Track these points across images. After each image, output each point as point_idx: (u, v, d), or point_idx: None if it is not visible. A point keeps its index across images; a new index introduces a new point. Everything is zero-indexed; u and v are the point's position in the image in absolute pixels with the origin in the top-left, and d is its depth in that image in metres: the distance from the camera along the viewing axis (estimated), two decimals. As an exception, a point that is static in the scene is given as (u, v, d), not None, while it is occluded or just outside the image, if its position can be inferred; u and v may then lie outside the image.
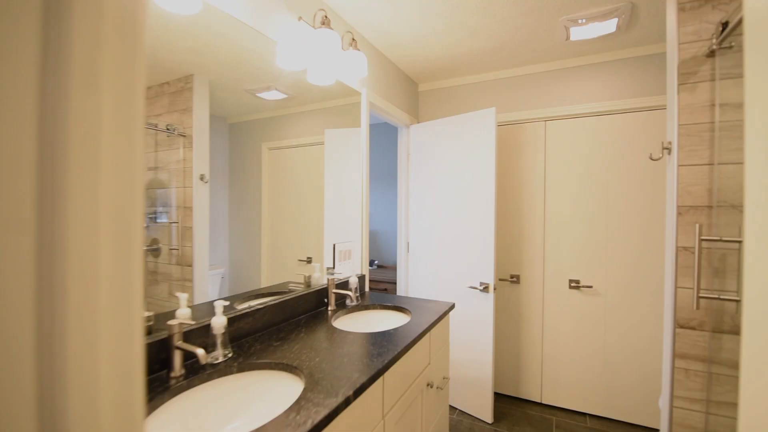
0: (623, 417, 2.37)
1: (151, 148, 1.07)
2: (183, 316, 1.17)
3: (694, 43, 1.34)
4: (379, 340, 1.32)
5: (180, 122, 1.14)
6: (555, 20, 1.98)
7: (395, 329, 1.43)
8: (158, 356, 1.04)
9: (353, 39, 1.82)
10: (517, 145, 2.67)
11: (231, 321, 1.28)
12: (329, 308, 1.71)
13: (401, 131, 2.87)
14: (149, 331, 1.06)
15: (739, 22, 1.09)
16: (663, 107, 2.22)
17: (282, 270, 1.59)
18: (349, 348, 1.24)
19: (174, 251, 1.14)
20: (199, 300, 1.23)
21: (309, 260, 1.75)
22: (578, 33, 2.09)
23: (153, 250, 1.09)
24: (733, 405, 1.28)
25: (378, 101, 2.31)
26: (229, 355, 1.17)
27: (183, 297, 1.16)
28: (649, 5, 1.81)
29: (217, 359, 1.13)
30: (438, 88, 2.93)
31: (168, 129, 1.13)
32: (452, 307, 1.82)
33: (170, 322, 1.03)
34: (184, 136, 1.16)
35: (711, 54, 1.30)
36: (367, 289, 2.18)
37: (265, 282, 1.50)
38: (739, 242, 1.20)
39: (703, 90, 1.32)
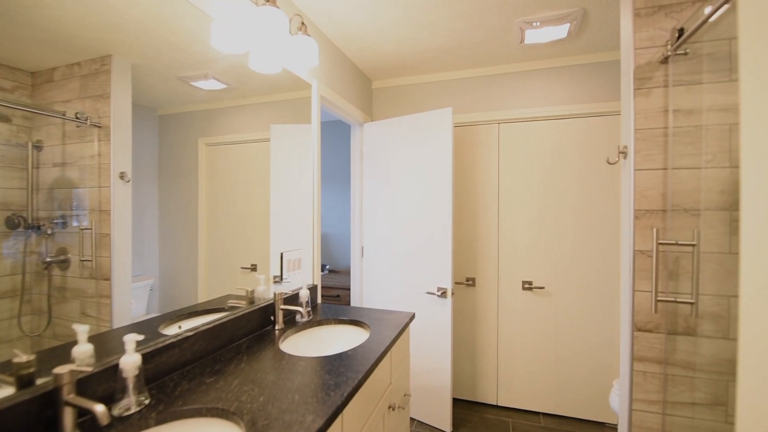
0: (576, 413, 2.43)
1: (57, 141, 0.90)
2: (82, 355, 0.92)
3: (648, 49, 1.35)
4: (336, 365, 1.15)
5: (94, 110, 0.97)
6: (512, 21, 1.96)
7: (353, 350, 1.27)
8: (41, 416, 0.78)
9: (303, 23, 1.63)
10: (471, 147, 2.64)
11: (150, 356, 1.04)
12: (276, 327, 1.51)
13: (354, 129, 2.71)
14: (28, 382, 0.80)
15: (697, 28, 1.09)
16: (612, 113, 2.32)
17: (224, 279, 1.39)
18: (300, 379, 1.06)
19: (86, 263, 0.96)
20: (120, 321, 1.02)
21: (254, 268, 1.55)
22: (532, 36, 2.09)
23: (60, 261, 0.91)
24: (688, 405, 1.31)
25: (330, 95, 2.13)
26: (146, 401, 0.93)
27: (81, 330, 0.92)
28: (600, 12, 1.85)
29: (128, 409, 0.89)
30: (393, 86, 2.82)
31: (78, 118, 0.94)
32: (413, 317, 1.71)
33: (57, 370, 0.78)
34: (99, 126, 0.98)
35: (664, 60, 1.31)
36: (319, 300, 2.00)
37: (204, 293, 1.30)
38: (693, 245, 1.22)
39: (657, 96, 1.34)
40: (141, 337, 0.95)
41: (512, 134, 2.55)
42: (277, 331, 1.47)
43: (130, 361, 0.92)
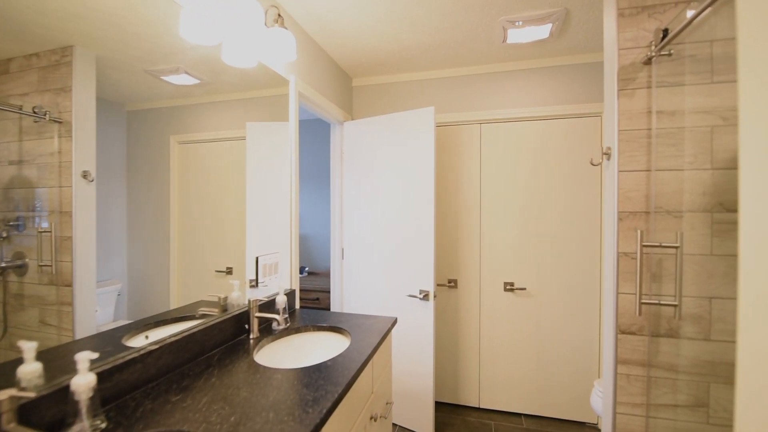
0: (557, 414, 2.44)
1: (13, 137, 0.85)
2: (28, 375, 0.83)
3: (632, 49, 1.34)
4: (315, 377, 1.08)
5: (54, 105, 0.91)
6: (494, 20, 1.93)
7: (333, 360, 1.20)
8: (-30, 451, 0.68)
9: (279, 15, 1.55)
10: (453, 147, 2.62)
11: (109, 373, 0.94)
12: (251, 336, 1.42)
13: (334, 128, 2.63)
14: (-44, 412, 0.69)
15: (682, 29, 1.08)
16: (593, 114, 2.33)
17: (198, 283, 1.32)
18: (275, 395, 0.98)
19: (46, 268, 0.90)
20: (83, 330, 0.95)
21: (229, 271, 1.47)
22: (514, 35, 2.08)
23: (16, 266, 0.86)
24: (671, 407, 1.31)
25: (308, 92, 2.05)
26: (102, 426, 0.84)
27: (28, 348, 0.83)
28: (582, 13, 1.85)
29: (79, 438, 0.79)
30: (373, 84, 2.75)
31: (36, 113, 0.88)
32: (395, 323, 1.65)
33: (-10, 398, 0.68)
34: (59, 122, 0.92)
35: (648, 61, 1.31)
36: (297, 306, 1.91)
37: (177, 299, 1.23)
38: (677, 247, 1.22)
39: (641, 97, 1.33)
40: (95, 355, 0.86)
41: (494, 135, 2.54)
42: (251, 341, 1.38)
43: (83, 383, 0.83)
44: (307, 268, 3.63)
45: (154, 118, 1.15)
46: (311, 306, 3.14)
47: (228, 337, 1.38)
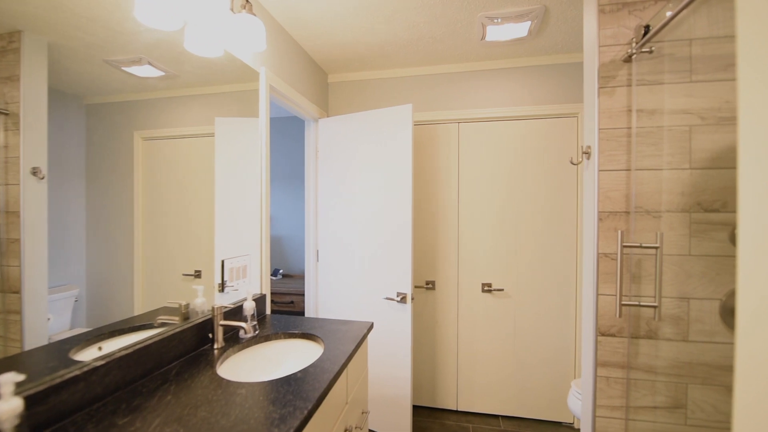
0: (534, 415, 2.43)
1: None
2: None
3: (612, 46, 1.32)
4: (283, 391, 0.99)
5: (0, 95, 0.83)
6: (473, 16, 1.89)
7: (304, 371, 1.12)
8: None
9: (247, 1, 1.44)
10: (431, 146, 2.57)
11: (44, 395, 0.82)
12: (215, 346, 1.30)
13: (309, 125, 2.53)
14: None
15: (664, 25, 1.06)
16: (570, 115, 2.34)
17: (164, 287, 1.23)
18: (238, 413, 0.88)
19: None
20: (34, 340, 0.86)
21: (198, 274, 1.37)
22: (493, 33, 2.05)
23: None
24: (650, 409, 1.30)
25: (281, 86, 1.94)
26: (27, 460, 0.72)
27: None
28: (561, 11, 1.83)
29: (-4, 477, 0.67)
30: (350, 80, 2.67)
31: None
32: (371, 328, 1.58)
33: None
34: (5, 113, 0.84)
35: (628, 59, 1.29)
36: (268, 311, 1.80)
37: (141, 304, 1.15)
38: (656, 248, 1.20)
39: (621, 95, 1.31)
40: (20, 377, 0.74)
41: (472, 134, 2.51)
42: (215, 351, 1.27)
43: (5, 410, 0.71)
44: (281, 271, 3.50)
45: (116, 113, 1.08)
46: (286, 310, 3.02)
47: (189, 348, 1.26)
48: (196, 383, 1.05)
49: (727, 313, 1.24)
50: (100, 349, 1.01)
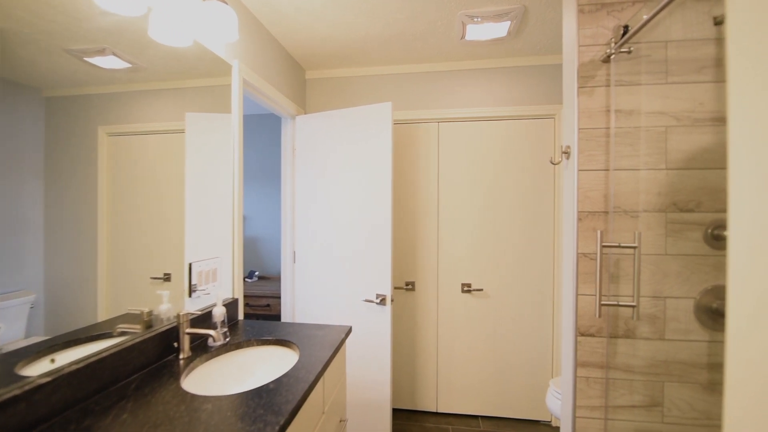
0: (513, 414, 2.44)
1: None
2: None
3: (591, 46, 1.32)
4: (254, 405, 0.92)
5: None
6: (453, 14, 1.87)
7: (277, 381, 1.05)
8: None
9: (217, -13, 1.36)
10: (411, 146, 2.54)
11: (-31, 421, 0.72)
12: (181, 357, 1.21)
13: (285, 122, 2.44)
14: None
15: (644, 24, 1.06)
16: (547, 116, 2.36)
17: (131, 292, 1.16)
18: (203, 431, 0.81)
19: None
20: None
21: (167, 277, 1.29)
22: (473, 32, 2.03)
23: None
24: (628, 408, 1.30)
25: (255, 80, 1.86)
26: (-51, 498, 0.62)
27: None
28: (540, 12, 1.84)
29: None
30: (329, 77, 2.60)
31: None
32: (349, 332, 1.52)
33: None
34: None
35: (606, 59, 1.29)
36: (240, 317, 1.71)
37: (105, 309, 1.07)
38: (635, 248, 1.21)
39: (600, 95, 1.32)
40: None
41: (452, 134, 2.50)
42: (181, 362, 1.18)
43: None
44: (257, 273, 3.38)
45: (79, 106, 1.01)
46: (261, 314, 2.91)
47: (151, 360, 1.17)
48: (157, 399, 0.96)
49: (701, 311, 1.26)
50: (53, 361, 0.91)
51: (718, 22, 1.26)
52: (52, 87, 0.94)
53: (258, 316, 2.96)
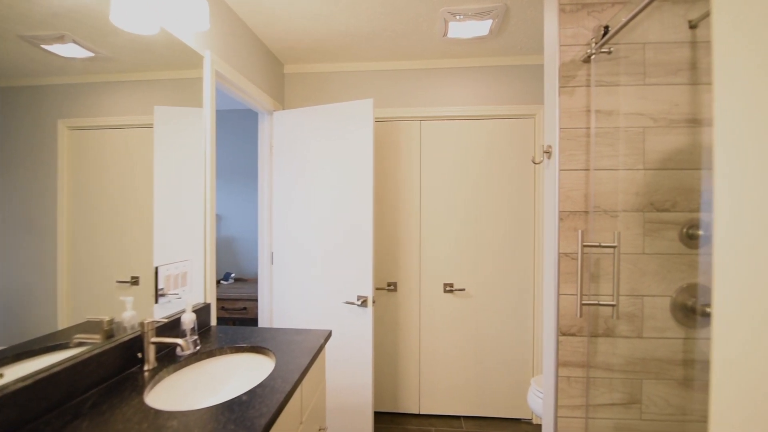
0: (495, 413, 2.45)
1: None
2: None
3: (572, 46, 1.32)
4: (224, 420, 0.86)
5: None
6: (435, 11, 1.84)
7: (251, 392, 0.99)
8: None
9: (186, -28, 1.27)
10: (392, 144, 2.50)
11: None
12: (145, 368, 1.13)
13: (262, 118, 2.36)
14: None
15: (624, 25, 1.06)
16: (527, 116, 2.37)
17: (95, 297, 1.08)
18: (167, 452, 0.74)
19: None
20: None
21: (135, 281, 1.21)
22: (455, 30, 2.02)
23: None
24: (608, 406, 1.31)
25: (229, 73, 1.77)
26: None
27: None
28: (521, 11, 1.83)
29: None
30: (308, 72, 2.53)
31: None
32: (329, 336, 1.47)
33: None
34: None
35: (587, 59, 1.29)
36: (213, 322, 1.63)
37: (66, 317, 1.00)
38: (614, 247, 1.21)
39: (581, 95, 1.32)
40: None
41: (434, 133, 2.48)
42: (146, 374, 1.10)
43: None
44: (233, 274, 3.26)
45: (36, 98, 0.94)
46: (238, 317, 2.80)
47: (112, 372, 1.08)
48: (117, 417, 0.88)
49: (677, 309, 1.29)
50: (0, 376, 0.82)
51: (693, 25, 1.28)
52: (5, 77, 0.87)
53: (234, 320, 2.86)
